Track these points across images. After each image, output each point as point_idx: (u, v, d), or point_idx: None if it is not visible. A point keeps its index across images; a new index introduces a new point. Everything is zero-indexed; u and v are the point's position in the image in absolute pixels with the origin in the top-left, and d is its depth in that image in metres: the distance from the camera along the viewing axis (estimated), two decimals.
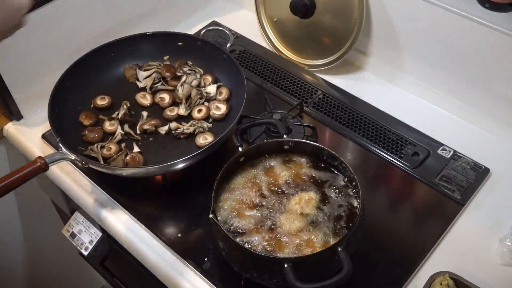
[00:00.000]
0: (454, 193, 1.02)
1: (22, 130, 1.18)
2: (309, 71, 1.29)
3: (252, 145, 0.97)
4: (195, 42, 1.20)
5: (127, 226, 1.00)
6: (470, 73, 1.11)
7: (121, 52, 1.19)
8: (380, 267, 0.92)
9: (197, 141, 1.06)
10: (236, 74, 1.11)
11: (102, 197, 1.05)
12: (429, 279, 0.87)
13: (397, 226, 0.99)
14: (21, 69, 1.13)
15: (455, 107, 1.17)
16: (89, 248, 1.14)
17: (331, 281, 0.75)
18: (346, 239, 0.81)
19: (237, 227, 0.87)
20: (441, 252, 0.95)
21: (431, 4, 1.07)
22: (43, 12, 1.10)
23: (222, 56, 1.16)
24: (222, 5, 1.49)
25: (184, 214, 1.01)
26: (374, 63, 1.27)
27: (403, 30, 1.16)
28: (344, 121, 1.16)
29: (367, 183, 1.05)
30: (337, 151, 0.93)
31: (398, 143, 1.11)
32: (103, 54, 1.17)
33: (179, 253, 0.94)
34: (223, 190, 0.92)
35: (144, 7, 1.32)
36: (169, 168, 0.98)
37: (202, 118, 1.11)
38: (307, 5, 1.21)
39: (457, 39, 1.08)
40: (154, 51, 1.21)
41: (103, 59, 1.17)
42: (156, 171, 1.00)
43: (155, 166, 0.97)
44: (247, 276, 0.84)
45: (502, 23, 1.00)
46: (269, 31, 1.35)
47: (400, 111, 1.18)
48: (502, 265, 0.93)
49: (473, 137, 1.13)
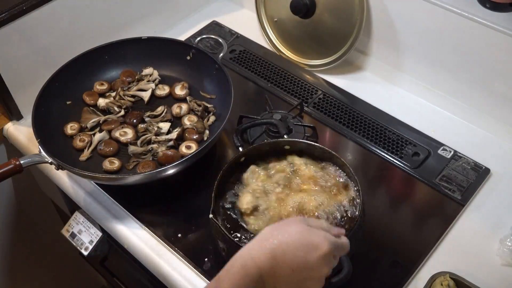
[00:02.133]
0: (454, 193, 1.02)
1: (22, 130, 1.18)
2: (309, 71, 1.29)
3: (252, 145, 0.97)
4: (187, 50, 1.18)
5: (127, 226, 1.00)
6: (470, 73, 1.11)
7: (111, 56, 1.18)
8: (380, 267, 0.92)
9: (180, 149, 1.05)
10: (225, 82, 1.08)
11: (102, 197, 1.05)
12: (430, 280, 0.87)
13: (397, 226, 0.99)
14: (21, 69, 1.13)
15: (455, 107, 1.17)
16: (89, 248, 1.14)
17: (331, 281, 0.75)
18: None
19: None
20: (441, 253, 0.95)
21: (431, 4, 1.07)
22: (43, 12, 1.10)
23: (214, 65, 1.13)
24: (222, 5, 1.49)
25: (184, 214, 1.01)
26: (374, 63, 1.27)
27: (403, 30, 1.16)
28: (344, 121, 1.16)
29: (367, 183, 1.05)
30: (337, 151, 0.93)
31: (399, 143, 1.11)
32: (91, 58, 1.16)
33: (179, 253, 0.94)
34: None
35: (144, 7, 1.32)
36: (159, 175, 0.97)
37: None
38: (307, 5, 1.21)
39: (457, 39, 1.08)
40: (141, 57, 1.20)
41: (93, 63, 1.17)
42: (147, 178, 0.97)
43: (145, 173, 0.96)
44: None
45: (502, 23, 1.00)
46: (269, 31, 1.35)
47: (400, 111, 1.18)
48: (502, 266, 0.92)
49: (473, 137, 1.13)
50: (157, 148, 1.05)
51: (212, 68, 1.14)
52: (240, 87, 1.22)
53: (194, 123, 1.09)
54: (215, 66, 1.13)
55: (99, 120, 1.10)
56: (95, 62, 1.17)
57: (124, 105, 1.12)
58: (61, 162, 0.95)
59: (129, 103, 1.13)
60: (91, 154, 1.05)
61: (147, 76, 1.18)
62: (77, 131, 1.09)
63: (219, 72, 1.12)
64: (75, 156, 1.06)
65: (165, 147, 1.05)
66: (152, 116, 1.11)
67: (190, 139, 1.07)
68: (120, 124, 1.09)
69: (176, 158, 1.00)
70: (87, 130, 1.09)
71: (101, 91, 1.16)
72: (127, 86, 1.16)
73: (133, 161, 1.03)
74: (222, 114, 1.10)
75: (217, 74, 1.13)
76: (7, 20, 1.05)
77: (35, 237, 1.51)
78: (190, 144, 1.05)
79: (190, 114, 1.11)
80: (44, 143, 0.98)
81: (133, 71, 1.20)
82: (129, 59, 1.20)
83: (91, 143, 1.06)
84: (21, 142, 1.16)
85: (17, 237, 1.46)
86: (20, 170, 0.92)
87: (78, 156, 1.05)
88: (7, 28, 1.06)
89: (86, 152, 1.05)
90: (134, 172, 1.01)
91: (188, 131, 1.08)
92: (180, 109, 1.12)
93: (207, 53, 1.15)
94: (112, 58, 1.18)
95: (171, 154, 1.03)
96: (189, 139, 1.07)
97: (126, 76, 1.19)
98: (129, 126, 1.09)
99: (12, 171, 0.91)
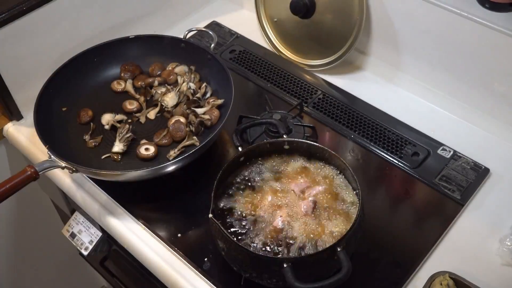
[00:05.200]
0: (454, 193, 1.02)
1: (22, 130, 1.18)
2: (309, 71, 1.29)
3: (252, 145, 0.97)
4: (178, 44, 1.19)
5: (127, 226, 1.00)
6: (470, 73, 1.11)
7: (106, 56, 1.18)
8: (380, 267, 0.92)
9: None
10: (222, 73, 1.10)
11: (102, 197, 1.05)
12: (429, 279, 0.87)
13: (397, 226, 0.99)
14: (21, 69, 1.13)
15: (455, 107, 1.17)
16: (89, 248, 1.14)
17: (330, 281, 0.75)
18: (346, 239, 0.81)
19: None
20: (441, 252, 0.95)
21: (431, 4, 1.07)
22: (43, 12, 1.10)
23: (206, 56, 1.15)
24: (222, 5, 1.49)
25: (184, 214, 1.01)
26: (374, 63, 1.27)
27: (403, 30, 1.16)
28: (344, 121, 1.16)
29: (367, 183, 1.05)
30: (337, 151, 0.93)
31: (398, 143, 1.11)
32: (88, 58, 1.16)
33: (179, 253, 0.94)
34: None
35: (143, 8, 1.32)
36: (160, 171, 0.98)
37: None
38: (307, 5, 1.21)
39: (457, 39, 1.08)
40: (138, 54, 1.21)
41: (88, 64, 1.17)
42: (149, 173, 0.98)
43: (147, 169, 0.96)
44: (247, 276, 0.84)
45: (502, 23, 1.00)
46: (269, 31, 1.35)
47: (400, 111, 1.18)
48: (502, 265, 0.93)
49: (473, 137, 1.13)
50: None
51: (205, 58, 1.15)
52: (240, 87, 1.22)
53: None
54: (207, 56, 1.14)
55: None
56: (93, 62, 1.18)
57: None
58: (75, 165, 0.96)
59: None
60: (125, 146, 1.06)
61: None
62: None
63: (215, 63, 1.13)
64: (84, 156, 1.06)
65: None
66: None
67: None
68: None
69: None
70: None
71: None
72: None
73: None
74: (223, 110, 1.10)
75: (215, 66, 1.13)
76: (7, 20, 1.05)
77: (35, 237, 1.51)
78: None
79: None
80: (54, 149, 0.98)
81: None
82: (130, 57, 1.20)
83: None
84: (21, 142, 1.16)
85: (17, 237, 1.46)
86: (36, 177, 0.92)
87: (88, 156, 1.06)
88: (7, 28, 1.06)
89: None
90: (137, 168, 1.00)
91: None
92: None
93: (199, 45, 1.17)
94: (106, 58, 1.19)
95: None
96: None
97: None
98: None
99: (29, 178, 0.91)
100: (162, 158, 1.04)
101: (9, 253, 1.48)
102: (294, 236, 0.85)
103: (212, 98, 1.13)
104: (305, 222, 0.87)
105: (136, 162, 1.04)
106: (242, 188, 0.93)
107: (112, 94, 1.17)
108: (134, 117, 1.12)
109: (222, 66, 1.11)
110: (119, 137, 1.06)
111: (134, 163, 1.04)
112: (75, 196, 1.08)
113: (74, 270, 1.67)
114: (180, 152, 1.04)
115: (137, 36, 1.20)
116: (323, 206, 0.89)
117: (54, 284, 1.68)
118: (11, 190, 0.90)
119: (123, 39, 1.19)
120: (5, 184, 0.89)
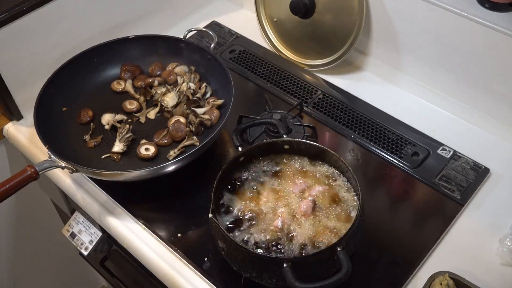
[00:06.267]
0: (454, 193, 1.02)
1: (22, 130, 1.18)
2: (309, 71, 1.29)
3: (252, 145, 0.97)
4: (178, 44, 1.19)
5: (127, 226, 1.00)
6: (470, 73, 1.11)
7: (107, 56, 1.18)
8: (379, 267, 0.92)
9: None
10: (222, 73, 1.10)
11: (102, 197, 1.05)
12: (429, 279, 0.87)
13: (396, 226, 0.99)
14: (21, 70, 1.13)
15: (455, 107, 1.17)
16: (89, 248, 1.15)
17: (330, 281, 0.75)
18: (345, 239, 0.81)
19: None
20: (441, 252, 0.95)
21: (431, 4, 1.07)
22: (43, 12, 1.10)
23: (206, 56, 1.15)
24: (222, 5, 1.49)
25: (184, 214, 1.01)
26: (374, 63, 1.27)
27: (403, 30, 1.16)
28: (344, 121, 1.16)
29: (366, 183, 1.05)
30: (337, 151, 0.93)
31: (398, 143, 1.11)
32: (88, 58, 1.16)
33: (179, 253, 0.94)
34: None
35: (143, 8, 1.32)
36: (160, 171, 0.98)
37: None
38: (307, 5, 1.21)
39: (457, 39, 1.08)
40: (138, 54, 1.21)
41: (88, 64, 1.17)
42: (149, 173, 0.98)
43: (147, 169, 0.96)
44: (247, 276, 0.84)
45: (502, 23, 1.00)
46: (269, 31, 1.35)
47: (400, 111, 1.18)
48: (502, 265, 0.93)
49: (473, 137, 1.13)
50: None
51: (205, 58, 1.15)
52: (240, 87, 1.22)
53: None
54: (207, 56, 1.14)
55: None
56: (93, 62, 1.17)
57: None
58: (75, 165, 0.96)
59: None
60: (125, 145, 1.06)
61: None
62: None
63: (215, 63, 1.13)
64: (84, 156, 1.06)
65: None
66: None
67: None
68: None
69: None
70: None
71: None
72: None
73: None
74: (223, 110, 1.10)
75: (215, 66, 1.13)
76: (7, 20, 1.05)
77: (35, 237, 1.51)
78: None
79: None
80: (54, 149, 0.98)
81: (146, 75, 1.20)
82: (130, 57, 1.20)
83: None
84: (22, 142, 1.16)
85: (17, 237, 1.46)
86: (36, 177, 0.92)
87: (88, 156, 1.06)
88: (7, 28, 1.06)
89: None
90: (138, 167, 1.00)
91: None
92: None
93: (199, 45, 1.17)
94: (106, 58, 1.19)
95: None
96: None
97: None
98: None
99: (29, 178, 0.91)
100: (162, 158, 1.04)
101: (9, 253, 1.48)
102: (294, 236, 0.85)
103: (212, 98, 1.13)
104: (305, 222, 0.87)
105: (136, 162, 1.04)
106: (242, 188, 0.93)
107: (112, 94, 1.18)
108: (134, 117, 1.12)
109: (222, 66, 1.11)
110: (119, 137, 1.06)
111: (134, 163, 1.04)
112: (75, 196, 1.08)
113: (74, 270, 1.67)
114: (180, 152, 1.04)
115: (137, 36, 1.20)
116: (323, 206, 0.89)
117: (54, 284, 1.68)
118: (11, 190, 0.90)
119: (123, 39, 1.19)
120: (5, 184, 0.90)
